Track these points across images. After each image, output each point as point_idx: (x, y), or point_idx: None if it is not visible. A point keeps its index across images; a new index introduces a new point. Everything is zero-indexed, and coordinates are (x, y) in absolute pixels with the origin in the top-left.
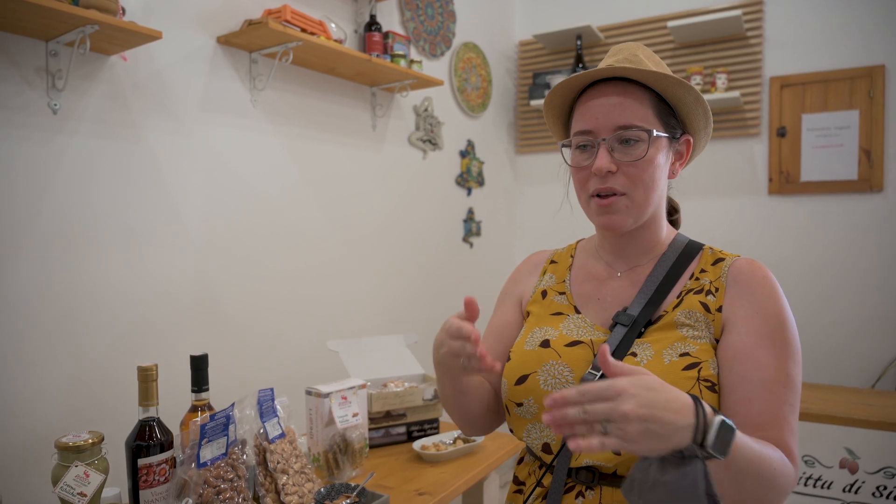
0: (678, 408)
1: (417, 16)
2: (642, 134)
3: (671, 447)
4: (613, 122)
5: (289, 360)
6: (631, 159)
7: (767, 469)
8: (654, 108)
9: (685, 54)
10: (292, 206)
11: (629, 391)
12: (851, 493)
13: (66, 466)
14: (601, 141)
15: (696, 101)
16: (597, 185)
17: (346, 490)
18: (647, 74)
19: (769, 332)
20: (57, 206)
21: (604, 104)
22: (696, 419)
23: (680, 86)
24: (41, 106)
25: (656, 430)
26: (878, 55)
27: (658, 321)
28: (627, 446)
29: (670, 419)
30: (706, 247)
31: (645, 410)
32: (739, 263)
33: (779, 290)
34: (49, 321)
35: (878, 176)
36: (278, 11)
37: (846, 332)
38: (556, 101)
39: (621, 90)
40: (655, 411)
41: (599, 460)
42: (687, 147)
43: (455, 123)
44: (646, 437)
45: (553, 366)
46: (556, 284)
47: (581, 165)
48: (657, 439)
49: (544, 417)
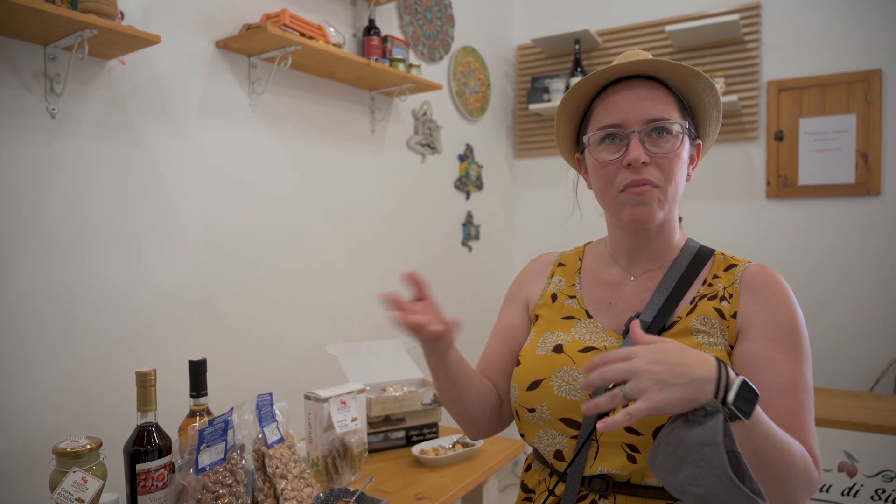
0: (696, 362)
1: (416, 20)
2: (674, 126)
3: (692, 399)
4: (644, 114)
5: (287, 365)
6: (664, 151)
7: (788, 454)
8: (678, 108)
9: (683, 59)
10: (291, 210)
11: (642, 351)
12: (850, 496)
13: (64, 472)
14: (632, 133)
15: (714, 104)
16: (629, 176)
17: (345, 495)
18: (679, 68)
19: (785, 338)
20: (56, 210)
21: (632, 97)
22: (717, 374)
23: (705, 84)
24: (40, 110)
25: (670, 381)
26: (876, 59)
27: (672, 327)
28: (649, 405)
29: (683, 370)
30: (717, 252)
31: (656, 365)
32: (752, 270)
33: (792, 295)
34: (47, 324)
35: (876, 180)
36: (277, 16)
37: (845, 335)
38: (574, 100)
39: (649, 86)
40: (667, 363)
41: (613, 468)
42: (698, 152)
43: (454, 127)
44: (662, 389)
45: (567, 371)
46: (566, 288)
47: (609, 159)
48: (674, 390)
49: (584, 383)
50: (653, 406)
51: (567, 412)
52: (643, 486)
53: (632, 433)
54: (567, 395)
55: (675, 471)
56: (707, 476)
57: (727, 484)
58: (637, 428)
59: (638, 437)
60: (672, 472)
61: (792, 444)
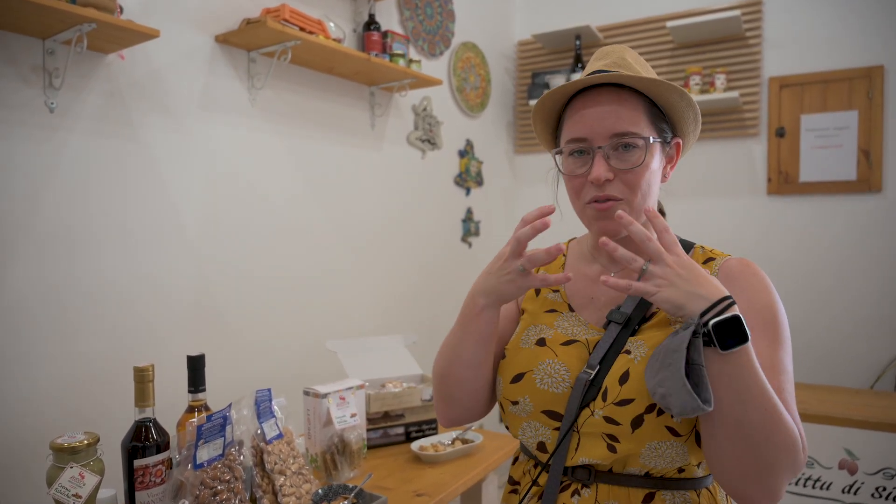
0: (707, 283)
1: (416, 15)
2: (639, 141)
3: (681, 306)
4: (609, 129)
5: (286, 361)
6: (628, 166)
7: (776, 412)
8: (647, 114)
9: (684, 54)
10: (290, 205)
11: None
12: (851, 493)
13: (62, 468)
14: (597, 149)
15: (689, 106)
16: (593, 192)
17: (343, 491)
18: (642, 81)
19: (762, 324)
20: (54, 205)
21: (597, 112)
22: (716, 300)
23: (673, 92)
24: (38, 104)
25: (676, 283)
26: (877, 56)
27: (651, 318)
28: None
29: (694, 282)
30: (697, 245)
31: (678, 268)
32: (731, 262)
33: (769, 283)
34: (45, 320)
35: (877, 176)
36: (277, 10)
37: (845, 332)
38: (545, 109)
39: (614, 97)
40: (687, 270)
41: (595, 458)
42: (677, 150)
43: (454, 123)
44: (668, 286)
45: (549, 364)
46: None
47: (575, 174)
48: (673, 291)
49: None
50: (650, 291)
51: (549, 404)
52: (625, 474)
53: (611, 423)
54: (549, 387)
55: (654, 374)
56: (670, 378)
57: (681, 386)
58: (616, 418)
59: (617, 426)
60: (652, 376)
61: (782, 410)
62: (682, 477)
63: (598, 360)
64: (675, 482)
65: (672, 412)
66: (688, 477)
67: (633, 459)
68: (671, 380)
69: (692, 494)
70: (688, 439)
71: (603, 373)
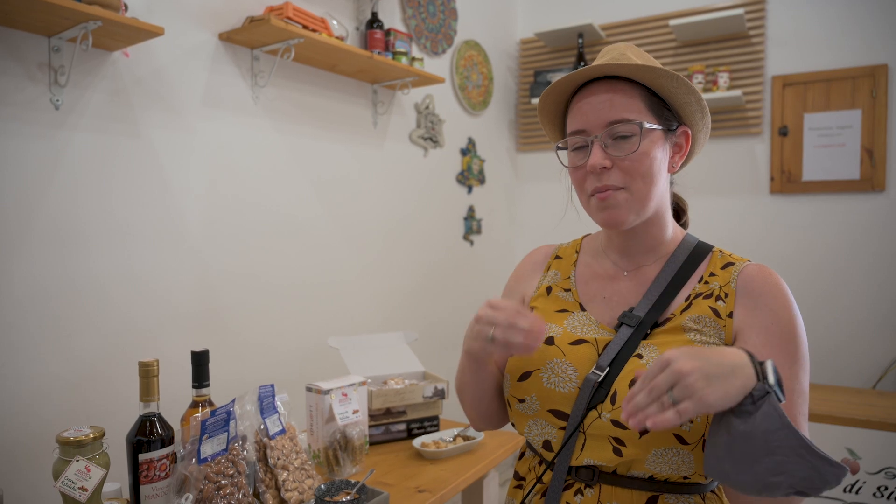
0: (728, 352)
1: (419, 13)
2: (633, 127)
3: (742, 387)
4: (604, 118)
5: (289, 357)
6: (625, 153)
7: None
8: (646, 102)
9: (687, 53)
10: (292, 202)
11: (676, 354)
12: (852, 493)
13: (68, 461)
14: (594, 138)
15: (688, 91)
16: (594, 182)
17: (346, 487)
18: (630, 69)
19: (783, 343)
20: (59, 201)
21: (593, 102)
22: (750, 358)
23: (667, 77)
24: (44, 101)
25: (715, 373)
26: (881, 54)
27: (665, 324)
28: (700, 402)
29: (721, 361)
30: (716, 249)
31: (697, 361)
32: (750, 270)
33: (791, 298)
34: (51, 316)
35: (881, 176)
36: (280, 8)
37: (848, 331)
38: (548, 105)
39: (610, 87)
40: (707, 359)
41: (600, 460)
42: (686, 139)
43: (456, 121)
44: (710, 384)
45: (557, 364)
46: (562, 281)
47: (577, 165)
48: (721, 382)
49: (624, 416)
50: (705, 401)
51: (555, 403)
52: (629, 476)
53: (618, 427)
54: (556, 386)
55: (747, 468)
56: (788, 461)
57: (815, 461)
58: (622, 422)
59: (624, 430)
60: (744, 470)
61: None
62: (687, 482)
63: (607, 361)
64: (680, 486)
65: (813, 493)
66: (693, 482)
67: (639, 463)
68: (792, 462)
69: (696, 498)
70: (695, 448)
71: (613, 375)
